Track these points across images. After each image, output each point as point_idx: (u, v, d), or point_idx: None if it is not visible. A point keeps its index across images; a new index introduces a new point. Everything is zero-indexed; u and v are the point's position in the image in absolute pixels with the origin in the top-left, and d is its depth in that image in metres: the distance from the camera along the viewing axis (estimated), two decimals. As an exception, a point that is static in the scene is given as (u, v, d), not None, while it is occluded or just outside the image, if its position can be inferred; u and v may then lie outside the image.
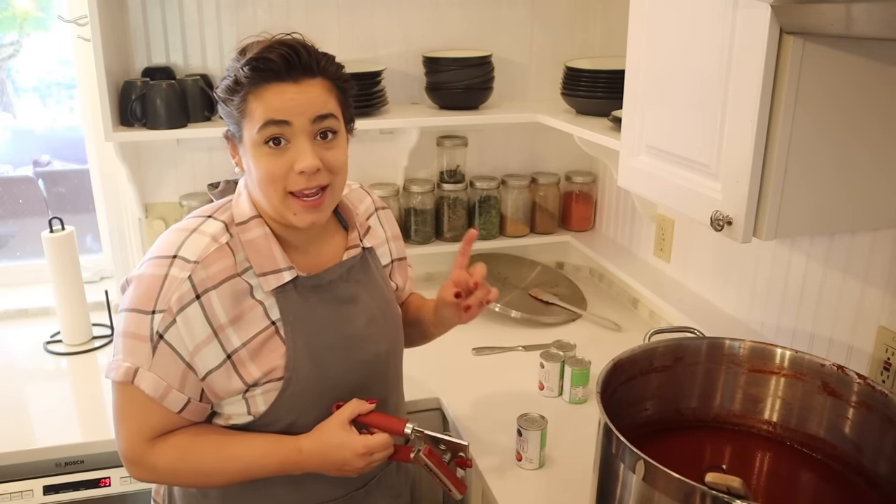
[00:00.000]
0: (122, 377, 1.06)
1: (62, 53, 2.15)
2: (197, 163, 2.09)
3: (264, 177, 1.06)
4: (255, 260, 1.10)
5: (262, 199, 1.10)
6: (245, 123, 1.06)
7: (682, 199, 1.23)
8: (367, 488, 1.23)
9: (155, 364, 1.06)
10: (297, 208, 1.07)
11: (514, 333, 2.00)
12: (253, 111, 1.04)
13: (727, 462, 1.25)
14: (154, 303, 1.05)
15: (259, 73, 1.03)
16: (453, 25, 2.15)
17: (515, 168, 2.33)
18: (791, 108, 1.02)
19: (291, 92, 1.04)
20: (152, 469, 1.12)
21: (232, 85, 1.05)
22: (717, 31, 1.09)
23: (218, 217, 1.13)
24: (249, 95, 1.04)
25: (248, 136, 1.06)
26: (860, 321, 1.33)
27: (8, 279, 2.23)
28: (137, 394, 1.07)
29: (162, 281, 1.06)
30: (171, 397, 1.07)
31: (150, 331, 1.05)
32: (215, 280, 1.07)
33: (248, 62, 1.03)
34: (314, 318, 1.14)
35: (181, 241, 1.09)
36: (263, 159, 1.05)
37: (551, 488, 1.37)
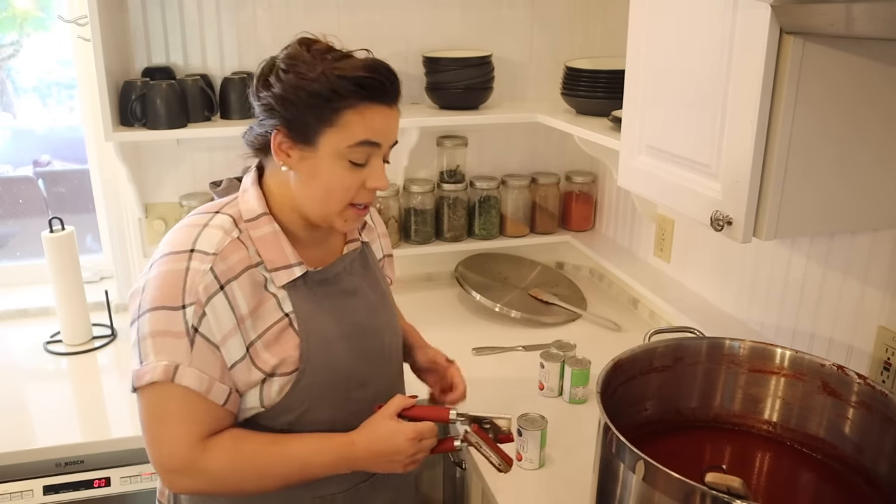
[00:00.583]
0: (160, 376, 1.03)
1: (62, 53, 2.15)
2: (197, 163, 2.09)
3: (337, 188, 1.09)
4: (267, 256, 1.11)
5: (314, 204, 1.11)
6: (330, 132, 1.06)
7: (682, 199, 1.24)
8: (372, 481, 1.24)
9: (195, 358, 1.04)
10: (351, 216, 1.13)
11: (514, 333, 2.00)
12: (349, 125, 1.06)
13: (727, 462, 1.25)
14: (182, 297, 1.04)
15: (364, 91, 1.05)
16: (453, 25, 2.15)
17: (515, 168, 2.33)
18: (791, 107, 1.02)
19: (388, 116, 1.09)
20: (201, 475, 1.06)
21: (327, 94, 1.05)
22: (717, 31, 1.09)
23: (225, 212, 1.13)
24: (349, 110, 1.05)
25: (332, 147, 1.07)
26: (860, 321, 1.33)
27: (8, 279, 2.23)
28: (178, 392, 1.04)
29: (184, 275, 1.04)
30: (215, 389, 1.05)
31: (185, 325, 1.03)
32: (235, 271, 1.07)
33: (353, 78, 1.04)
34: (324, 310, 1.16)
35: (195, 236, 1.08)
36: (341, 172, 1.08)
37: (551, 488, 1.37)
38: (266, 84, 1.09)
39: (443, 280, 2.38)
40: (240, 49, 2.03)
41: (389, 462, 1.13)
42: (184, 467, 1.06)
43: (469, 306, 2.19)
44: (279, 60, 1.09)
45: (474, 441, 1.18)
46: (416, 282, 2.36)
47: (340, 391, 1.17)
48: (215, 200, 1.19)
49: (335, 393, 1.16)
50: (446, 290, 2.31)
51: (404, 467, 1.15)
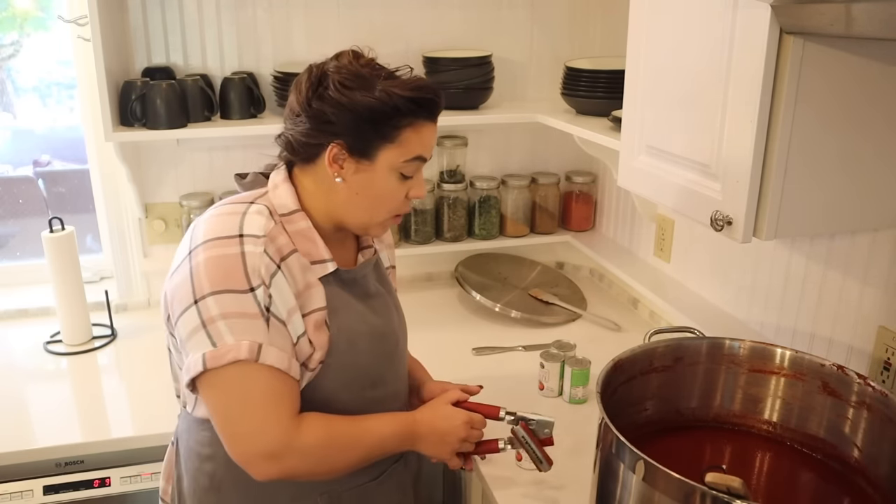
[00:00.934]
0: (246, 354, 1.02)
1: (62, 53, 2.15)
2: (197, 163, 2.09)
3: (386, 199, 1.15)
4: (305, 249, 1.13)
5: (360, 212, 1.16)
6: (388, 148, 1.11)
7: (682, 199, 1.24)
8: (380, 479, 1.26)
9: (272, 337, 1.05)
10: (389, 223, 1.21)
11: (514, 333, 2.00)
12: (407, 142, 1.11)
13: (727, 462, 1.24)
14: (247, 280, 1.04)
15: (423, 111, 1.12)
16: (453, 25, 2.15)
17: (515, 168, 2.33)
18: (791, 107, 1.02)
19: (434, 132, 1.16)
20: (301, 454, 1.07)
21: (389, 111, 1.09)
22: (717, 31, 1.09)
23: (260, 203, 1.14)
24: (408, 128, 1.11)
25: (388, 161, 1.12)
26: (860, 321, 1.33)
27: (8, 279, 2.23)
28: (263, 373, 1.04)
29: (242, 259, 1.05)
30: (293, 366, 1.07)
31: (259, 307, 1.04)
32: (284, 251, 1.10)
33: (415, 98, 1.10)
34: (352, 308, 1.19)
35: (239, 222, 1.08)
36: (395, 184, 1.14)
37: (551, 488, 1.37)
38: (321, 96, 1.10)
39: (443, 280, 2.38)
40: (240, 49, 2.03)
41: (443, 442, 1.21)
42: (284, 449, 1.05)
43: (469, 306, 2.19)
44: (332, 72, 1.11)
45: (521, 436, 1.26)
46: (416, 282, 2.36)
47: (356, 389, 1.19)
48: (242, 193, 1.20)
49: (351, 390, 1.18)
50: (446, 290, 2.31)
51: (452, 452, 1.22)
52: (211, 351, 1.03)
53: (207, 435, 1.16)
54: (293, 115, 1.14)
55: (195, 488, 1.20)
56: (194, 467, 1.19)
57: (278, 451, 1.05)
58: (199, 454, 1.18)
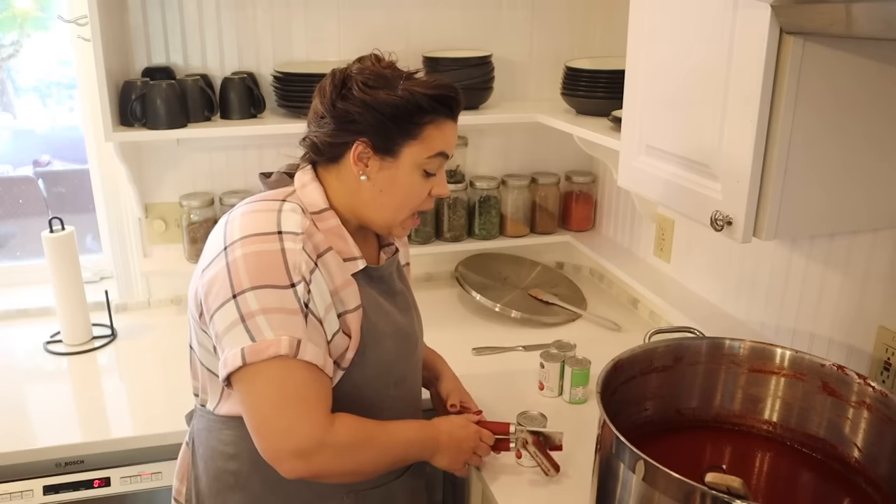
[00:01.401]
0: (286, 349, 1.02)
1: (62, 53, 2.15)
2: (197, 163, 2.09)
3: (410, 197, 1.17)
4: (337, 246, 1.15)
5: (385, 210, 1.17)
6: (411, 145, 1.13)
7: (682, 199, 1.24)
8: (402, 478, 1.29)
9: (311, 334, 1.06)
10: (409, 224, 1.22)
11: (514, 333, 2.00)
12: (430, 138, 1.14)
13: (727, 462, 1.25)
14: (288, 276, 1.05)
15: (445, 108, 1.14)
16: (453, 25, 2.15)
17: (515, 168, 2.33)
18: (791, 107, 1.02)
19: (455, 129, 1.19)
20: (333, 451, 1.06)
21: (413, 108, 1.12)
22: (717, 31, 1.09)
23: (291, 201, 1.14)
24: (430, 125, 1.13)
25: (412, 158, 1.14)
26: (860, 321, 1.33)
27: (8, 279, 2.23)
28: (301, 369, 1.04)
29: (282, 255, 1.06)
30: (328, 363, 1.08)
31: (299, 303, 1.05)
32: (320, 248, 1.11)
33: (436, 97, 1.13)
34: (379, 306, 1.21)
35: (276, 219, 1.09)
36: (417, 182, 1.16)
37: (551, 488, 1.37)
38: (344, 96, 1.13)
39: (443, 280, 2.38)
40: (240, 49, 2.03)
41: (459, 451, 1.24)
42: (317, 446, 1.04)
43: (469, 306, 2.19)
44: (355, 74, 1.14)
45: (532, 451, 1.34)
46: (416, 282, 2.36)
47: (380, 387, 1.21)
48: (268, 191, 1.20)
49: (375, 388, 1.20)
50: (446, 290, 2.31)
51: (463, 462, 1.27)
52: (250, 345, 1.02)
53: (231, 434, 1.17)
54: (317, 118, 1.16)
55: (218, 488, 1.19)
56: (216, 467, 1.19)
57: (310, 449, 1.04)
58: (223, 453, 1.18)
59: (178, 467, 1.31)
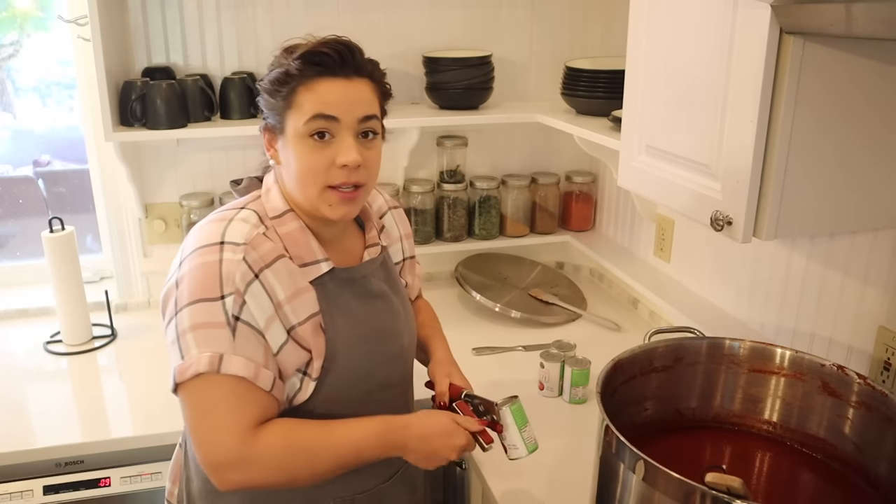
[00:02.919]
0: (206, 366, 1.01)
1: (62, 53, 2.15)
2: (197, 163, 2.09)
3: (306, 169, 1.09)
4: (295, 251, 1.12)
5: (297, 191, 1.11)
6: (290, 115, 1.08)
7: (682, 199, 1.24)
8: (392, 482, 1.25)
9: (238, 346, 1.03)
10: (334, 200, 1.11)
11: (514, 333, 2.00)
12: (302, 103, 1.07)
13: (727, 462, 1.25)
14: (219, 288, 1.03)
15: (313, 67, 1.07)
16: (453, 25, 2.15)
17: (515, 168, 2.33)
18: (791, 107, 1.02)
19: (345, 88, 1.08)
20: (255, 463, 1.03)
21: (281, 76, 1.08)
22: (717, 31, 1.09)
23: (250, 208, 1.14)
24: (300, 87, 1.07)
25: (293, 128, 1.08)
26: (860, 321, 1.33)
27: (8, 279, 2.23)
28: (225, 382, 1.03)
29: (218, 266, 1.04)
30: (261, 375, 1.05)
31: (226, 315, 1.03)
32: (267, 259, 1.08)
33: (301, 55, 1.07)
34: (349, 310, 1.17)
35: (223, 229, 1.08)
36: (307, 152, 1.08)
37: (551, 488, 1.37)
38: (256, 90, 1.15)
39: (443, 280, 2.38)
40: (240, 49, 2.03)
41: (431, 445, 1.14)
42: (238, 458, 1.02)
43: (469, 306, 2.19)
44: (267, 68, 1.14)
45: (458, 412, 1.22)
46: (416, 282, 2.36)
47: (362, 392, 1.18)
48: (237, 199, 1.20)
49: (357, 393, 1.17)
50: (446, 290, 2.31)
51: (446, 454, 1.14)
52: (179, 364, 1.03)
53: None
54: None
55: (208, 490, 1.19)
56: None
57: (233, 462, 1.02)
58: None
59: (171, 468, 1.30)
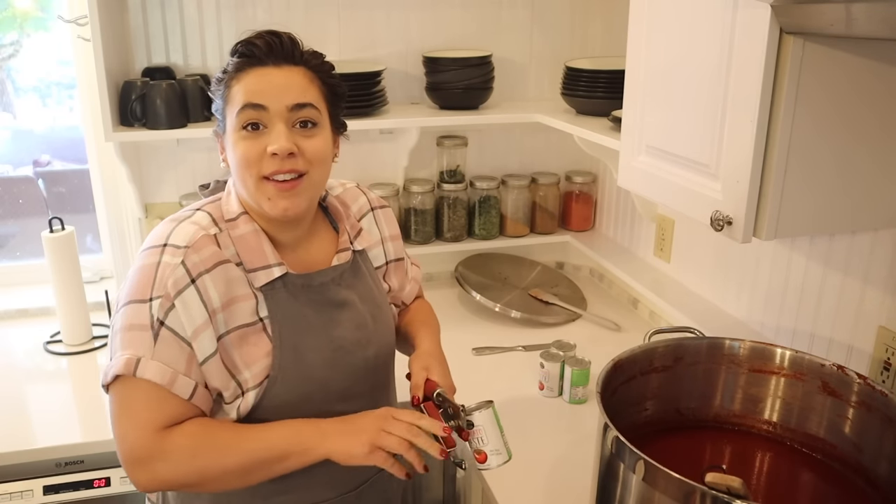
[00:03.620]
0: (122, 369, 1.01)
1: (62, 53, 2.15)
2: (197, 163, 2.09)
3: (240, 160, 1.07)
4: (245, 255, 1.10)
5: (241, 188, 1.11)
6: (227, 111, 1.09)
7: (682, 199, 1.24)
8: (358, 491, 1.20)
9: (158, 351, 1.02)
10: (272, 192, 1.06)
11: (514, 333, 2.00)
12: (234, 96, 1.07)
13: (727, 462, 1.25)
14: (150, 290, 1.03)
15: (243, 59, 1.07)
16: (453, 25, 2.15)
17: (515, 168, 2.33)
18: (791, 107, 1.02)
19: (271, 76, 1.06)
20: (165, 460, 1.02)
21: (220, 75, 1.10)
22: (717, 31, 1.09)
23: (205, 210, 1.13)
24: (232, 81, 1.08)
25: (230, 123, 1.08)
26: (860, 321, 1.33)
27: (8, 279, 2.23)
28: (141, 385, 1.02)
29: (155, 269, 1.04)
30: (178, 383, 1.03)
31: (151, 318, 1.02)
32: (208, 264, 1.06)
33: (234, 50, 1.08)
34: (302, 318, 1.13)
35: (170, 231, 1.08)
36: (240, 143, 1.06)
37: (551, 488, 1.37)
38: None
39: (443, 280, 2.38)
40: (240, 49, 2.03)
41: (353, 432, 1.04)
42: (147, 454, 1.02)
43: (469, 306, 2.19)
44: None
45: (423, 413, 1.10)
46: (416, 282, 2.36)
47: (318, 402, 1.13)
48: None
49: (313, 404, 1.12)
50: (446, 290, 2.31)
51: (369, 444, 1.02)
52: (106, 365, 1.05)
53: None
54: None
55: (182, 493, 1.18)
56: None
57: (145, 457, 1.02)
58: None
59: None
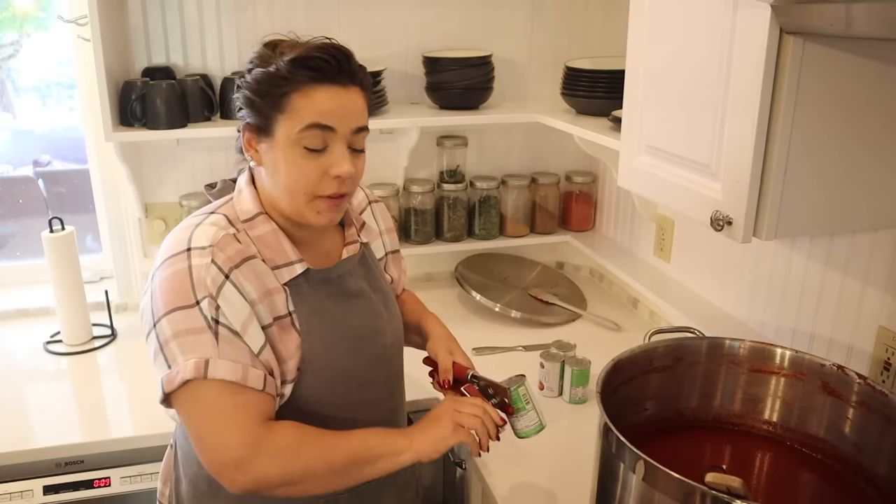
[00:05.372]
0: (192, 373, 1.00)
1: (62, 53, 2.15)
2: (197, 163, 2.09)
3: (297, 178, 1.06)
4: (267, 254, 1.11)
5: (283, 197, 1.09)
6: (282, 119, 1.05)
7: (682, 199, 1.24)
8: (377, 482, 1.21)
9: (223, 350, 1.02)
10: (322, 207, 1.09)
11: (514, 333, 2.00)
12: (297, 109, 1.04)
13: (727, 462, 1.25)
14: (192, 294, 1.02)
15: (307, 72, 1.03)
16: (453, 25, 2.15)
17: (515, 168, 2.33)
18: (791, 107, 1.02)
19: (342, 98, 1.05)
20: (272, 455, 1.02)
21: (271, 78, 1.04)
22: (717, 31, 1.09)
23: (220, 212, 1.13)
24: (294, 93, 1.04)
25: (285, 134, 1.05)
26: (860, 321, 1.33)
27: (8, 279, 2.23)
28: (215, 386, 1.01)
29: (188, 273, 1.03)
30: (251, 375, 1.03)
31: (205, 320, 1.02)
32: (235, 260, 1.06)
33: (296, 59, 1.03)
34: (326, 311, 1.15)
35: (189, 236, 1.07)
36: (299, 161, 1.06)
37: (551, 488, 1.37)
38: (237, 87, 1.11)
39: (443, 280, 2.38)
40: (240, 49, 2.03)
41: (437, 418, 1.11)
42: (251, 453, 1.01)
43: (469, 306, 2.19)
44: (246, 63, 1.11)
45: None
46: (416, 282, 2.36)
47: (341, 392, 1.16)
48: (211, 203, 1.19)
49: (336, 393, 1.16)
50: (446, 290, 2.31)
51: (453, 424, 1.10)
52: (166, 374, 1.03)
53: None
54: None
55: (194, 493, 1.19)
56: (193, 472, 1.19)
57: (245, 458, 1.01)
58: (197, 459, 1.16)
59: (162, 469, 1.30)
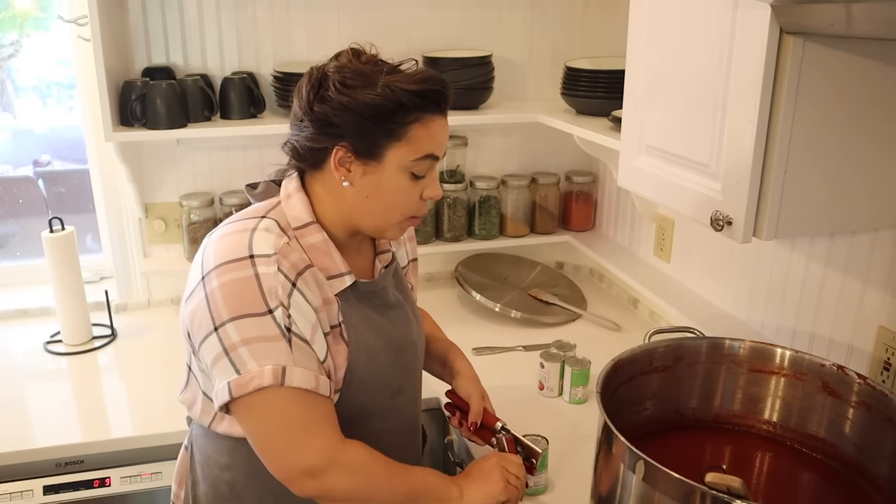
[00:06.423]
0: (270, 380, 0.99)
1: (62, 53, 2.15)
2: (197, 163, 2.09)
3: (400, 201, 1.11)
4: (320, 264, 1.10)
5: (372, 214, 1.11)
6: (396, 147, 1.06)
7: (683, 199, 1.24)
8: None
9: (296, 358, 1.02)
10: (406, 225, 1.16)
11: (514, 333, 2.00)
12: (416, 139, 1.06)
13: (727, 462, 1.24)
14: (264, 302, 1.01)
15: (431, 104, 1.07)
16: (453, 25, 2.15)
17: (515, 168, 2.33)
18: (791, 107, 1.02)
19: (445, 128, 1.11)
20: (348, 468, 1.03)
21: (394, 107, 1.04)
22: (716, 31, 1.09)
23: (270, 217, 1.10)
24: (415, 123, 1.06)
25: (397, 160, 1.07)
26: (860, 321, 1.33)
27: (8, 279, 2.23)
28: (291, 395, 1.01)
29: (256, 281, 1.01)
30: (321, 383, 1.04)
31: (279, 328, 1.01)
32: (298, 267, 1.06)
33: (420, 92, 1.05)
34: (371, 322, 1.17)
35: (248, 242, 1.04)
36: (405, 185, 1.10)
37: (551, 488, 1.37)
38: (322, 98, 1.06)
39: (443, 280, 2.38)
40: (240, 49, 2.03)
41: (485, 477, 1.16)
42: (328, 463, 1.02)
43: (469, 306, 2.19)
44: (332, 73, 1.07)
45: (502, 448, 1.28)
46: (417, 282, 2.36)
47: (378, 399, 1.18)
48: (254, 204, 1.16)
49: (374, 401, 1.17)
50: (446, 290, 2.31)
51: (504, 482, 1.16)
52: (236, 379, 1.01)
53: (226, 443, 1.14)
54: (297, 121, 1.11)
55: (214, 495, 1.18)
56: (213, 475, 1.18)
57: (320, 467, 1.02)
58: (218, 462, 1.17)
59: (176, 471, 1.29)
